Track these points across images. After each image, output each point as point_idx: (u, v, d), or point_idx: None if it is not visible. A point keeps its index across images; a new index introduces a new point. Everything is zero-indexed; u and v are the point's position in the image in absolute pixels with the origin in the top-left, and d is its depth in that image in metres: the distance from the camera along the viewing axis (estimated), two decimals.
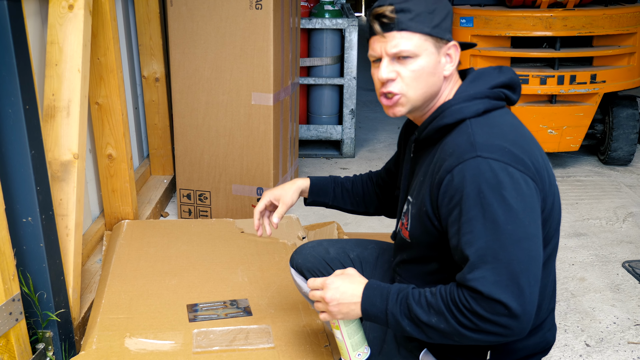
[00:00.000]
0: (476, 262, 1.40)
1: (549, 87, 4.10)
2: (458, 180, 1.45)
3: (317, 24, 4.48)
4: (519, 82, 1.64)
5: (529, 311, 1.38)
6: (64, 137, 2.41)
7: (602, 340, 2.55)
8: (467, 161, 1.45)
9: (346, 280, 1.60)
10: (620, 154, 4.41)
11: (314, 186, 2.06)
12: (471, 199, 1.42)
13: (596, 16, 4.06)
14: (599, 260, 3.20)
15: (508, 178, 1.42)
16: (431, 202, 1.54)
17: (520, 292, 1.37)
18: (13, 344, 2.00)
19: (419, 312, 1.46)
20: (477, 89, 1.57)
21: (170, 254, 2.85)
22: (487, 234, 1.40)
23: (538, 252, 1.42)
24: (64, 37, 2.44)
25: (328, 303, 1.59)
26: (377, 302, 1.54)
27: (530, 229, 1.42)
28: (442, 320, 1.43)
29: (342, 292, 1.58)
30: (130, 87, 3.67)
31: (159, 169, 3.94)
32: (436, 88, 1.60)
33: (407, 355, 1.73)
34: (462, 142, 1.49)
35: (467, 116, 1.54)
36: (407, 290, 1.51)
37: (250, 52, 3.23)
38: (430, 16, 1.54)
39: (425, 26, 1.54)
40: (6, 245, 1.95)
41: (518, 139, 1.51)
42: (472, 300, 1.39)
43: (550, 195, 1.55)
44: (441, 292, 1.45)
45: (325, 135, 4.75)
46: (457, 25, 4.28)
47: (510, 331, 1.39)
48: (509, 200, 1.41)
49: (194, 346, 2.18)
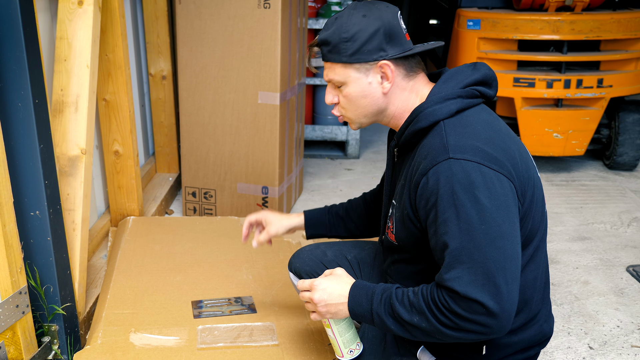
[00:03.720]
0: (452, 262, 1.42)
1: (556, 90, 4.10)
2: (432, 183, 1.48)
3: (324, 24, 4.48)
4: (494, 76, 1.66)
5: (508, 309, 1.39)
6: (72, 132, 2.42)
7: (606, 344, 2.55)
8: (440, 163, 1.47)
9: (333, 281, 1.64)
10: (626, 159, 4.40)
11: (308, 220, 2.12)
12: (445, 201, 1.45)
13: (604, 20, 4.06)
14: (603, 264, 3.20)
15: (481, 178, 1.44)
16: (410, 204, 1.57)
17: (497, 290, 1.39)
18: (19, 337, 2.01)
19: (401, 312, 1.50)
20: (448, 90, 1.59)
21: (175, 251, 2.86)
22: (461, 235, 1.42)
23: (514, 250, 1.44)
24: (73, 32, 2.45)
25: (316, 304, 1.64)
26: (363, 302, 1.58)
27: (505, 227, 1.43)
28: (424, 320, 1.46)
29: (330, 293, 1.62)
30: (137, 84, 3.68)
31: (165, 166, 3.95)
32: (375, 107, 1.65)
33: (406, 353, 1.75)
34: (436, 144, 1.52)
35: (440, 118, 1.56)
36: (391, 290, 1.55)
37: (258, 51, 3.24)
38: (347, 45, 1.59)
39: (342, 56, 1.60)
40: (14, 239, 1.95)
41: (492, 137, 1.53)
42: (450, 300, 1.41)
43: (530, 188, 1.56)
44: (423, 291, 1.48)
45: (330, 136, 4.75)
46: (464, 28, 4.28)
47: (490, 329, 1.40)
48: (481, 200, 1.42)
49: (199, 342, 2.19)
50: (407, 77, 1.64)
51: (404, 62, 1.62)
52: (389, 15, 1.60)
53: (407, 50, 1.61)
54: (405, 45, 1.61)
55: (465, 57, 4.32)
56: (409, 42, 1.62)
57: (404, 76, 1.64)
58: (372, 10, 1.60)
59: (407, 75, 1.64)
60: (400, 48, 1.60)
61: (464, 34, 4.29)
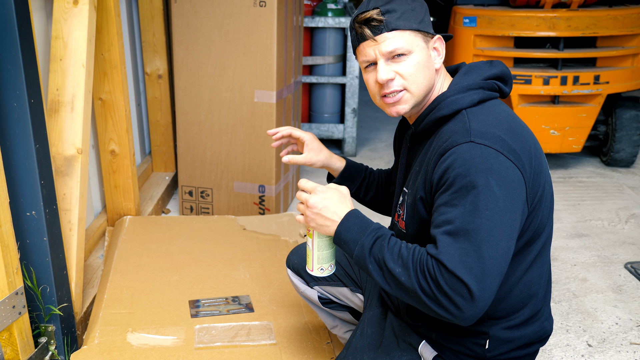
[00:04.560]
0: (448, 239, 1.43)
1: (552, 87, 4.10)
2: (450, 162, 1.48)
3: (320, 22, 4.48)
4: (510, 74, 1.69)
5: (485, 299, 1.39)
6: (68, 132, 2.41)
7: (604, 341, 2.55)
8: (460, 145, 1.49)
9: (336, 195, 1.61)
10: (623, 155, 4.40)
11: (345, 172, 2.05)
12: (459, 180, 1.46)
13: (600, 17, 4.06)
14: (601, 261, 3.20)
15: (497, 165, 1.46)
16: (424, 186, 1.57)
17: (483, 277, 1.39)
18: (16, 338, 2.00)
19: (387, 257, 1.49)
20: (470, 81, 1.62)
21: (172, 250, 2.85)
22: (464, 215, 1.43)
23: (508, 244, 1.44)
24: (69, 32, 2.44)
25: (309, 207, 1.60)
26: (353, 230, 1.55)
27: (506, 219, 1.44)
28: (405, 274, 1.46)
29: (325, 205, 1.59)
30: (133, 83, 3.67)
31: (161, 165, 3.94)
32: (432, 81, 1.65)
33: (406, 348, 1.74)
34: (458, 128, 1.53)
35: (463, 106, 1.58)
36: (386, 233, 1.54)
37: (254, 49, 3.23)
38: (414, 13, 1.60)
39: (412, 22, 1.60)
40: (10, 239, 1.95)
41: (512, 128, 1.55)
42: (437, 269, 1.41)
43: (540, 184, 1.58)
44: (415, 250, 1.48)
45: (327, 134, 4.75)
46: (460, 25, 4.27)
47: (460, 313, 1.40)
48: (493, 187, 1.43)
49: (196, 342, 2.18)
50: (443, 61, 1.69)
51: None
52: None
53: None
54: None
55: (461, 55, 4.32)
56: None
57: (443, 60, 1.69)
58: None
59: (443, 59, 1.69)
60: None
61: (460, 31, 4.28)
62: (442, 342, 1.68)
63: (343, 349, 1.91)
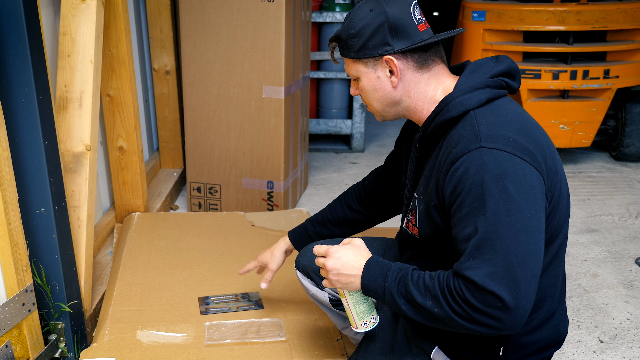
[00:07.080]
0: (473, 252, 1.39)
1: (562, 82, 4.07)
2: (462, 171, 1.44)
3: (327, 17, 4.46)
4: (518, 69, 1.64)
5: (524, 306, 1.36)
6: (76, 129, 2.41)
7: (616, 337, 2.53)
8: (471, 152, 1.44)
9: (350, 251, 1.61)
10: (633, 150, 4.38)
11: (294, 241, 2.17)
12: (474, 190, 1.42)
13: (610, 11, 4.03)
14: (611, 257, 3.18)
15: (512, 168, 1.42)
16: (437, 194, 1.53)
17: (516, 285, 1.35)
18: (25, 335, 2.00)
19: (415, 294, 1.47)
20: (477, 80, 1.57)
21: (181, 247, 2.85)
22: (486, 225, 1.39)
23: (538, 246, 1.41)
24: (77, 28, 2.43)
25: (328, 271, 1.60)
26: (376, 278, 1.54)
27: (531, 221, 1.40)
28: (437, 305, 1.43)
29: (344, 263, 1.59)
30: (141, 79, 3.66)
31: (169, 162, 3.93)
32: (388, 100, 1.66)
33: (419, 353, 1.71)
34: (467, 133, 1.49)
35: (471, 107, 1.53)
36: (408, 270, 1.52)
37: (262, 45, 3.21)
38: (354, 41, 1.61)
39: (350, 52, 1.64)
40: (19, 236, 1.94)
41: (523, 127, 1.51)
42: (466, 289, 1.38)
43: (557, 182, 1.54)
44: (439, 277, 1.45)
45: (335, 130, 4.73)
46: (469, 19, 4.25)
47: (503, 324, 1.37)
48: (510, 191, 1.39)
49: (206, 339, 2.18)
50: (419, 69, 1.61)
51: (414, 54, 1.59)
52: (397, 8, 1.57)
53: (415, 42, 1.58)
54: (416, 37, 1.58)
55: (470, 49, 4.29)
56: (421, 34, 1.58)
57: (416, 69, 1.61)
58: (379, 3, 1.58)
59: (419, 67, 1.61)
60: (408, 41, 1.58)
61: (468, 26, 4.25)
62: (455, 349, 1.65)
63: (354, 351, 1.90)
